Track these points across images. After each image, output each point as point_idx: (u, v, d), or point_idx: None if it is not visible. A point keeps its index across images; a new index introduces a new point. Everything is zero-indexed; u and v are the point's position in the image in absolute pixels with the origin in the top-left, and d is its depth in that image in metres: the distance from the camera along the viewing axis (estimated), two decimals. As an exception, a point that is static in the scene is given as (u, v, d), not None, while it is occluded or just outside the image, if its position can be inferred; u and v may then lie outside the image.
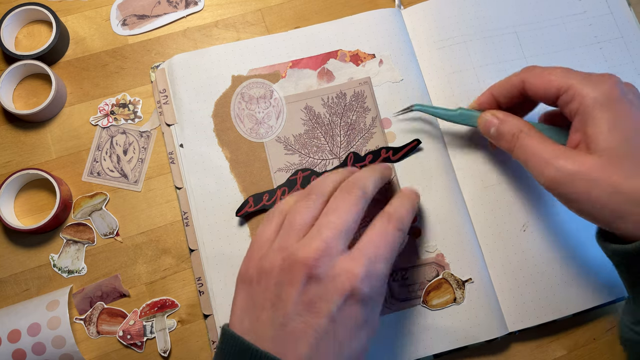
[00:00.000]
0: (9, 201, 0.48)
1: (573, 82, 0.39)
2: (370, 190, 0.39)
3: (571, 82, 0.39)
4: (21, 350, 0.43)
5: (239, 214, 0.47)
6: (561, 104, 0.41)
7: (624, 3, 0.55)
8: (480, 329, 0.46)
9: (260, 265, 0.37)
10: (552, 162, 0.38)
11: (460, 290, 0.47)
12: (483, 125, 0.45)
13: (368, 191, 0.39)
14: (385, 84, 0.51)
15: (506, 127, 0.42)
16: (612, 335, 0.49)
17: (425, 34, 0.53)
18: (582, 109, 0.38)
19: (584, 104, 0.38)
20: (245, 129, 0.50)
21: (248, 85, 0.50)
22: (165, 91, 0.50)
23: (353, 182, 0.39)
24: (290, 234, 0.37)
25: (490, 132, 0.44)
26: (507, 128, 0.42)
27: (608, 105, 0.38)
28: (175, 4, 0.54)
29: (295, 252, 0.35)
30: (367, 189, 0.39)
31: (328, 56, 0.51)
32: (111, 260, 0.48)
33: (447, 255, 0.47)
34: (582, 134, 0.39)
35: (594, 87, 0.38)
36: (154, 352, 0.47)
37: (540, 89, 0.41)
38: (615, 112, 0.37)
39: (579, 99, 0.39)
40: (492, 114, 0.44)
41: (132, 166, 0.50)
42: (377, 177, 0.41)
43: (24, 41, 0.53)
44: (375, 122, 0.50)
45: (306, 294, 0.35)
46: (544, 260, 0.48)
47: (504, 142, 0.43)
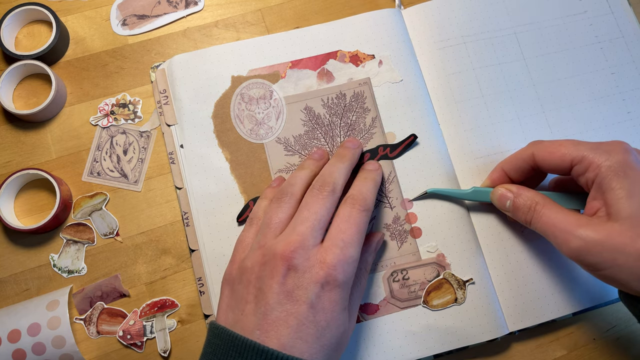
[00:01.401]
0: (9, 201, 0.48)
1: (585, 152, 0.40)
2: (339, 183, 0.42)
3: (583, 153, 0.40)
4: (21, 350, 0.43)
5: (240, 219, 0.48)
6: (575, 174, 0.41)
7: (625, 3, 0.55)
8: (480, 329, 0.46)
9: (242, 264, 0.40)
10: (574, 232, 0.39)
11: (461, 291, 0.47)
12: (498, 199, 0.46)
13: (337, 185, 0.42)
14: (385, 85, 0.51)
15: (521, 200, 0.43)
16: (612, 335, 0.49)
17: (426, 34, 0.53)
18: (599, 179, 0.39)
19: (600, 174, 0.39)
20: (245, 130, 0.50)
21: (248, 85, 0.50)
22: (165, 91, 0.50)
23: (322, 180, 0.42)
24: (267, 233, 0.40)
25: (506, 205, 0.45)
26: (522, 201, 0.43)
27: (624, 173, 0.38)
28: (175, 4, 0.54)
29: (273, 247, 0.39)
30: (337, 183, 0.42)
31: (328, 57, 0.51)
32: (111, 260, 0.48)
33: (447, 255, 0.47)
34: (601, 202, 0.39)
35: (607, 157, 0.39)
36: (154, 352, 0.47)
37: (553, 163, 0.42)
38: (631, 179, 0.38)
39: (594, 169, 0.40)
40: (506, 188, 0.45)
41: (132, 166, 0.50)
42: (346, 166, 0.44)
43: (24, 41, 0.53)
44: (375, 123, 0.50)
45: (285, 284, 0.37)
46: (543, 260, 0.48)
47: (521, 215, 0.43)
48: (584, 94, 0.52)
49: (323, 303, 0.37)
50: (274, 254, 0.38)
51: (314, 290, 0.37)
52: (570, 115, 0.51)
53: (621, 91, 0.52)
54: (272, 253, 0.38)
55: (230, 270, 0.41)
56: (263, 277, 0.38)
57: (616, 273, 0.37)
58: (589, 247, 0.38)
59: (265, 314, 0.37)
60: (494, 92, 0.52)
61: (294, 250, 0.38)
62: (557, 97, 0.52)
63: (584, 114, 0.52)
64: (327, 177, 0.42)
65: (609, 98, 0.52)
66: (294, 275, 0.37)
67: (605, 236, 0.37)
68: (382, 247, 0.47)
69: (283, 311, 0.37)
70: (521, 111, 0.51)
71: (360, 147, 0.47)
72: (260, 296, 0.38)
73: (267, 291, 0.37)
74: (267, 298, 0.37)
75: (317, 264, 0.38)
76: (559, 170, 0.42)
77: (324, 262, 0.38)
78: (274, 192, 0.45)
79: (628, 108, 0.52)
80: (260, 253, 0.39)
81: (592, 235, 0.38)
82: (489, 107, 0.51)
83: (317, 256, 0.38)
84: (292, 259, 0.37)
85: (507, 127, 0.51)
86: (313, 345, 0.36)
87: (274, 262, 0.38)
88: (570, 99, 0.52)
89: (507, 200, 0.45)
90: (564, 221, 0.40)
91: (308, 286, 0.37)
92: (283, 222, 0.41)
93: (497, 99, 0.52)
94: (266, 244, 0.39)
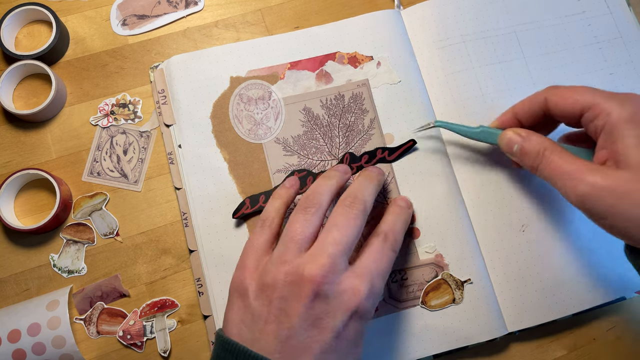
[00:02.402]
0: (9, 201, 0.48)
1: (598, 100, 0.39)
2: (369, 204, 0.41)
3: (596, 100, 0.39)
4: (21, 350, 0.43)
5: (236, 215, 0.47)
6: (585, 121, 0.40)
7: (623, 3, 0.55)
8: (479, 329, 0.46)
9: (260, 278, 0.38)
10: (582, 178, 0.38)
11: (459, 291, 0.47)
12: (505, 142, 0.44)
13: (367, 205, 0.40)
14: (383, 86, 0.51)
15: (530, 145, 0.42)
16: (612, 335, 0.49)
17: (425, 34, 0.53)
18: (608, 126, 0.38)
19: (610, 121, 0.38)
20: (244, 130, 0.50)
21: (246, 86, 0.50)
22: (163, 91, 0.51)
23: (354, 196, 0.40)
24: (290, 247, 0.38)
25: (513, 149, 0.43)
26: (531, 145, 0.42)
27: (634, 122, 0.37)
28: (175, 4, 0.54)
29: (301, 268, 0.36)
30: (367, 203, 0.40)
31: (326, 58, 0.51)
32: (111, 260, 0.48)
33: (446, 256, 0.47)
34: (609, 150, 0.38)
35: (619, 104, 0.38)
36: (154, 352, 0.47)
37: (565, 108, 0.41)
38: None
39: (604, 116, 0.39)
40: (515, 132, 0.44)
41: (132, 166, 0.50)
42: (374, 186, 0.42)
43: (24, 41, 0.53)
44: (374, 124, 0.50)
45: (313, 309, 0.35)
46: (543, 261, 0.48)
47: (528, 160, 0.42)
48: (583, 94, 0.52)
49: (348, 332, 0.36)
50: (301, 276, 0.36)
51: (343, 319, 0.36)
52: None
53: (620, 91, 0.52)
54: (299, 274, 0.36)
55: (241, 278, 0.39)
56: (288, 298, 0.36)
57: (621, 221, 0.36)
58: (596, 193, 0.37)
59: (289, 337, 0.35)
60: (494, 91, 0.52)
61: (324, 275, 0.36)
62: (557, 97, 0.52)
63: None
64: (359, 193, 0.40)
65: (608, 98, 0.52)
66: (323, 301, 0.36)
67: (614, 183, 0.36)
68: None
69: (307, 337, 0.35)
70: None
71: (384, 175, 0.46)
72: (284, 318, 0.36)
73: (292, 314, 0.35)
74: (291, 321, 0.35)
75: (349, 290, 0.36)
76: (569, 117, 0.41)
77: (358, 289, 0.36)
78: (289, 193, 0.44)
79: (628, 108, 0.52)
80: (284, 271, 0.37)
81: (600, 182, 0.37)
82: (489, 107, 0.51)
83: (349, 282, 0.36)
84: (322, 284, 0.35)
85: (507, 127, 0.51)
86: None
87: (301, 284, 0.36)
88: (570, 98, 0.52)
89: (514, 144, 0.43)
90: (572, 167, 0.39)
91: (337, 314, 0.36)
92: (309, 238, 0.38)
93: (497, 98, 0.51)
94: (290, 261, 0.37)
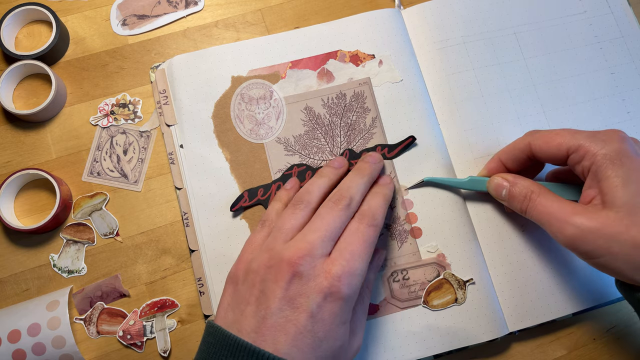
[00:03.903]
0: (9, 201, 0.48)
1: (581, 141, 0.40)
2: (357, 198, 0.42)
3: (580, 142, 0.40)
4: (21, 351, 0.43)
5: (234, 208, 0.47)
6: (571, 163, 0.41)
7: (625, 3, 0.55)
8: (481, 329, 0.46)
9: (248, 265, 0.40)
10: (569, 220, 0.39)
11: (461, 291, 0.47)
12: (494, 188, 0.46)
13: (354, 200, 0.42)
14: (385, 85, 0.51)
15: (517, 189, 0.43)
16: (612, 335, 0.49)
17: (425, 34, 0.53)
18: (595, 167, 0.39)
19: (596, 162, 0.39)
20: (245, 130, 0.50)
21: (248, 86, 0.50)
22: (165, 92, 0.50)
23: (340, 194, 0.42)
24: (278, 237, 0.40)
25: (502, 194, 0.45)
26: (518, 190, 0.43)
27: (620, 161, 0.38)
28: (175, 4, 0.54)
29: (281, 252, 0.38)
30: (354, 199, 0.42)
31: (328, 57, 0.51)
32: (111, 260, 0.48)
33: (448, 255, 0.47)
34: (596, 190, 0.39)
35: (603, 145, 0.39)
36: (154, 352, 0.47)
37: (549, 152, 0.42)
38: (627, 167, 0.38)
39: (589, 157, 0.40)
40: (502, 177, 0.45)
41: (132, 166, 0.50)
42: (365, 181, 0.44)
43: (24, 41, 0.53)
44: (375, 123, 0.50)
45: (288, 290, 0.37)
46: (543, 260, 0.48)
47: (516, 203, 0.44)
48: (583, 94, 0.52)
49: (323, 314, 0.37)
50: (280, 259, 0.38)
51: (316, 300, 0.36)
52: (570, 115, 0.51)
53: (621, 91, 0.52)
54: (279, 257, 0.38)
55: (235, 269, 0.41)
56: (267, 280, 0.38)
57: (611, 261, 0.38)
58: (584, 235, 0.38)
59: (265, 317, 0.36)
60: (494, 92, 0.52)
61: (301, 257, 0.37)
62: (557, 97, 0.52)
63: (583, 114, 0.52)
64: (345, 191, 0.42)
65: (608, 98, 0.52)
66: (298, 282, 0.37)
67: (600, 224, 0.37)
68: (382, 247, 0.48)
69: (282, 317, 0.36)
70: (521, 111, 0.51)
71: (381, 162, 0.47)
72: (262, 299, 0.37)
73: (270, 295, 0.37)
74: (268, 302, 0.37)
75: (322, 273, 0.37)
76: (555, 159, 0.42)
77: (329, 272, 0.37)
78: (289, 194, 0.45)
79: (627, 108, 0.52)
80: (267, 256, 0.39)
81: (586, 223, 0.38)
82: (489, 107, 0.51)
83: (324, 266, 0.38)
84: (298, 266, 0.37)
85: (507, 127, 0.51)
86: (308, 356, 0.36)
87: (279, 266, 0.38)
88: (570, 98, 0.52)
89: (502, 189, 0.45)
90: (560, 209, 0.40)
91: (310, 295, 0.37)
92: (295, 229, 0.40)
93: (497, 99, 0.52)
94: (275, 248, 0.39)
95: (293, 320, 0.36)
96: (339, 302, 0.37)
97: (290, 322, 0.36)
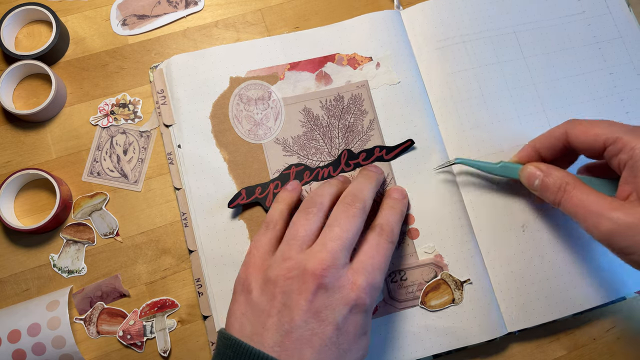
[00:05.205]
0: (9, 201, 0.48)
1: (620, 134, 0.39)
2: (369, 202, 0.42)
3: (618, 135, 0.39)
4: (21, 351, 0.43)
5: (231, 205, 0.47)
6: (608, 156, 0.41)
7: (623, 3, 0.55)
8: (479, 330, 0.46)
9: (264, 274, 0.39)
10: (606, 214, 0.38)
11: (458, 291, 0.47)
12: (526, 177, 0.44)
13: (367, 204, 0.42)
14: (383, 87, 0.51)
15: (551, 180, 0.42)
16: (612, 335, 0.49)
17: (424, 34, 0.53)
18: (632, 162, 0.38)
19: (634, 156, 0.38)
20: (244, 131, 0.50)
21: (246, 86, 0.50)
22: (163, 92, 0.51)
23: (353, 195, 0.41)
24: (293, 244, 0.39)
25: (534, 184, 0.44)
26: (552, 180, 0.42)
27: None
28: (175, 4, 0.54)
29: (303, 263, 0.37)
30: (367, 201, 0.42)
31: (326, 59, 0.51)
32: (111, 260, 0.48)
33: (445, 256, 0.47)
34: (633, 185, 0.38)
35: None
36: (154, 352, 0.47)
37: (586, 142, 0.41)
38: None
39: (628, 150, 0.39)
40: (535, 166, 0.44)
41: (132, 166, 0.50)
42: (373, 186, 0.44)
43: (24, 41, 0.53)
44: (373, 125, 0.50)
45: (314, 303, 0.36)
46: (543, 261, 0.48)
47: (550, 195, 0.42)
48: (583, 94, 0.52)
49: (348, 326, 0.36)
50: (303, 270, 0.37)
51: (342, 312, 0.36)
52: (570, 115, 0.51)
53: (619, 91, 0.52)
54: (301, 268, 0.37)
55: (245, 275, 0.40)
56: (290, 292, 0.37)
57: None
58: (620, 230, 0.37)
59: (289, 331, 0.35)
60: (494, 91, 0.52)
61: (325, 268, 0.37)
62: (557, 97, 0.52)
63: (583, 114, 0.51)
64: (358, 192, 0.42)
65: (607, 98, 0.52)
66: (324, 294, 0.36)
67: (638, 219, 0.36)
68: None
69: (308, 330, 0.35)
70: (521, 110, 0.51)
71: (383, 174, 0.47)
72: (285, 312, 0.36)
73: (294, 307, 0.36)
74: (292, 314, 0.36)
75: (347, 284, 0.37)
76: (591, 150, 0.41)
77: (355, 284, 0.37)
78: (291, 196, 0.45)
79: (626, 108, 0.52)
80: (286, 266, 0.38)
81: (623, 218, 0.37)
82: (488, 107, 0.51)
83: (349, 277, 0.37)
84: (323, 277, 0.36)
85: (507, 127, 0.51)
86: None
87: (303, 278, 0.37)
88: (570, 98, 0.52)
89: (535, 179, 0.43)
90: (596, 203, 0.39)
91: (337, 307, 0.36)
92: (310, 235, 0.40)
93: (497, 98, 0.51)
94: (293, 257, 0.38)
95: (319, 334, 0.35)
96: (363, 313, 0.37)
97: (316, 335, 0.35)
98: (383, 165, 0.49)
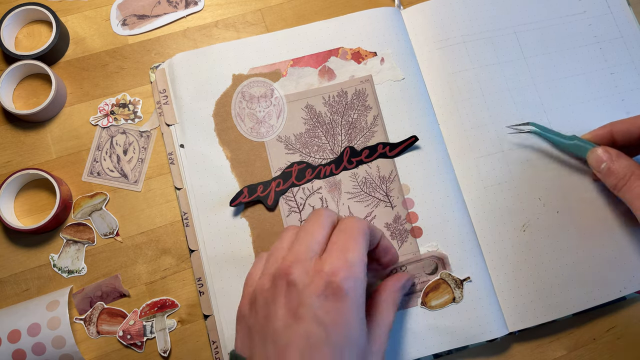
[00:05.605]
0: (9, 201, 0.48)
1: None
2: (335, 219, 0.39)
3: None
4: (21, 351, 0.43)
5: (233, 203, 0.47)
6: None
7: (624, 3, 0.55)
8: (480, 329, 0.46)
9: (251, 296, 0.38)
10: None
11: (458, 290, 0.47)
12: (595, 159, 0.45)
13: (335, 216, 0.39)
14: (387, 82, 0.51)
15: (618, 166, 0.43)
16: (612, 335, 0.49)
17: (425, 34, 0.53)
18: None
19: None
20: (246, 129, 0.50)
21: (249, 84, 0.50)
22: (165, 91, 0.51)
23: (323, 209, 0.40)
24: (270, 261, 0.38)
25: (600, 167, 0.45)
26: (619, 167, 0.43)
27: None
28: (175, 4, 0.54)
29: (272, 270, 0.37)
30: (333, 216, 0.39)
31: (329, 54, 0.51)
32: (111, 260, 0.48)
33: (448, 255, 0.47)
34: None
35: None
36: (154, 352, 0.47)
37: None
38: None
39: None
40: (606, 151, 0.45)
41: (132, 166, 0.50)
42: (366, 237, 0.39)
43: (24, 41, 0.53)
44: (377, 121, 0.50)
45: (289, 304, 0.35)
46: (543, 260, 0.48)
47: (613, 179, 0.43)
48: (583, 94, 0.52)
49: (332, 316, 0.34)
50: (272, 276, 0.36)
51: (317, 304, 0.34)
52: (570, 115, 0.51)
53: (620, 91, 0.52)
54: (271, 275, 0.37)
55: (241, 305, 0.39)
56: (266, 303, 0.36)
57: None
58: None
59: (275, 342, 0.34)
60: (495, 91, 0.52)
61: (289, 265, 0.36)
62: (558, 96, 0.52)
63: (583, 114, 0.52)
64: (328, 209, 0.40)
65: (608, 98, 0.52)
66: (295, 291, 0.35)
67: None
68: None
69: (291, 333, 0.34)
70: (522, 110, 0.51)
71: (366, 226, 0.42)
72: (267, 324, 0.35)
73: (272, 316, 0.35)
74: (273, 324, 0.35)
75: (314, 274, 0.35)
76: None
77: (321, 271, 0.35)
78: None
79: (627, 108, 0.52)
80: (261, 281, 0.37)
81: None
82: (489, 106, 0.51)
83: (316, 267, 0.35)
84: (289, 275, 0.35)
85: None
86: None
87: (274, 283, 0.36)
88: (571, 98, 0.52)
89: (603, 163, 0.44)
90: None
91: (309, 300, 0.34)
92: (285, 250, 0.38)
93: (497, 98, 0.52)
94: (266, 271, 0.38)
95: (301, 334, 0.33)
96: (344, 298, 0.34)
97: (299, 336, 0.33)
98: (388, 162, 0.49)
